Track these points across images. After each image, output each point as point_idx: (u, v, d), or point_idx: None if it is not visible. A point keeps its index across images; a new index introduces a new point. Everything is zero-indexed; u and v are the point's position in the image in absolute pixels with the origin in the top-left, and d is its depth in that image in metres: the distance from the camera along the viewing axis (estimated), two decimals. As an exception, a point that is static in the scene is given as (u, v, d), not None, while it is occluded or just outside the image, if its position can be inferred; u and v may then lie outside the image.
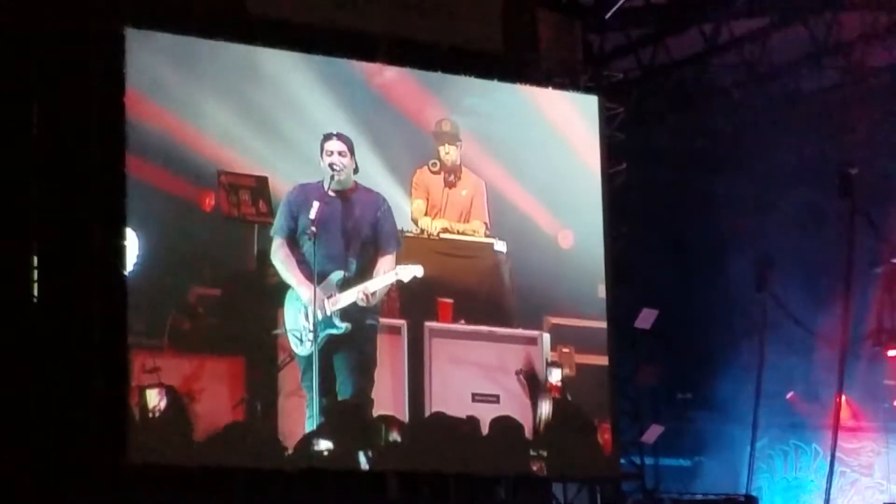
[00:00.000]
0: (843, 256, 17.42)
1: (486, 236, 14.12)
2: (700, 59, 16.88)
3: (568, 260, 14.51)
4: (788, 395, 18.75)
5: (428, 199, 13.99)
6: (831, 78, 17.44)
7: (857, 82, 17.32)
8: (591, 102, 14.81)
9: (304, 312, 12.80)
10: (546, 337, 14.32)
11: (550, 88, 14.67)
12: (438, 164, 14.02)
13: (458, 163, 14.09)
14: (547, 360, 14.33)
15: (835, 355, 17.71)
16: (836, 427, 18.07)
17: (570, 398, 14.47)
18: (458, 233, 14.03)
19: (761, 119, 16.95)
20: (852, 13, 15.92)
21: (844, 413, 18.39)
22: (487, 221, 14.17)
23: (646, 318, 15.36)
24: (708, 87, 17.41)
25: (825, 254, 17.65)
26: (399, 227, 13.53)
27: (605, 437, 14.62)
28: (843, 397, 18.26)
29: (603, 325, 14.66)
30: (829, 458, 17.99)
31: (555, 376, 14.37)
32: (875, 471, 18.84)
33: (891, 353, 17.75)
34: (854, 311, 17.70)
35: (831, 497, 17.71)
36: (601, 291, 14.66)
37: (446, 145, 14.04)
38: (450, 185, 14.08)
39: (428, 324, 13.73)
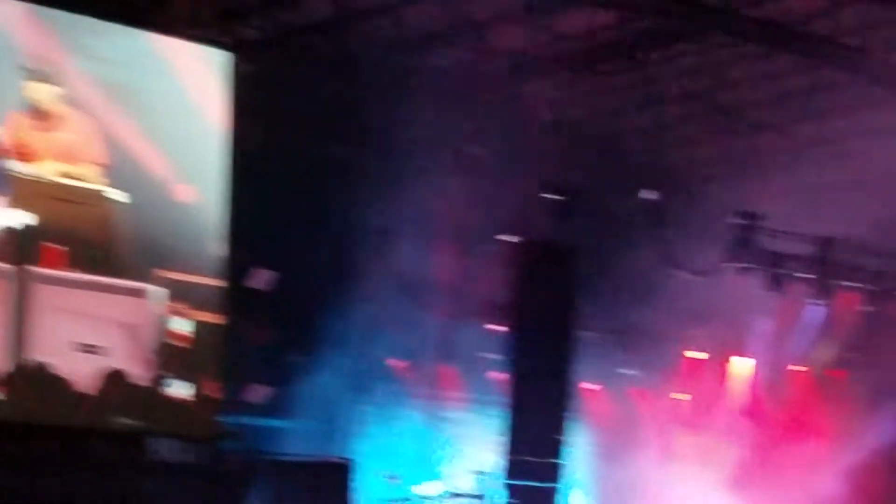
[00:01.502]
0: (461, 227, 18.24)
1: (102, 184, 14.06)
2: (335, 25, 17.18)
3: (187, 216, 14.69)
4: (390, 362, 19.29)
5: (21, 141, 13.78)
6: (460, 56, 18.28)
7: (485, 62, 18.22)
8: (221, 58, 14.92)
9: None
10: (158, 291, 14.48)
11: (180, 39, 14.64)
12: (34, 105, 13.82)
13: (58, 105, 13.92)
14: (158, 313, 14.48)
15: (440, 325, 18.53)
16: (436, 395, 19.09)
17: (177, 354, 14.68)
18: (72, 177, 13.95)
19: (390, 91, 17.29)
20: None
21: (445, 382, 19.34)
22: (101, 168, 14.09)
23: (261, 279, 15.84)
24: (341, 54, 17.68)
25: (437, 241, 18.23)
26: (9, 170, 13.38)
27: (211, 395, 14.97)
28: (445, 367, 19.20)
29: (218, 283, 14.91)
30: (428, 423, 18.88)
31: (165, 330, 14.56)
32: (472, 432, 19.50)
33: (491, 326, 18.47)
34: (464, 283, 18.58)
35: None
36: (219, 249, 14.90)
37: (45, 85, 13.84)
38: (46, 128, 13.92)
39: (34, 270, 13.60)
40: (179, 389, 14.73)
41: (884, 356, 21.27)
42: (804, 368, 21.91)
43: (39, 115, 13.88)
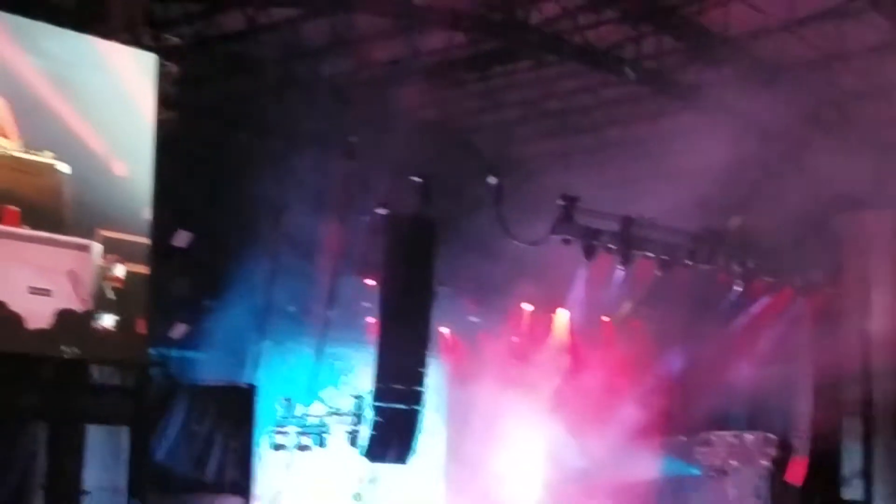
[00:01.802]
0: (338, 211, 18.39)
1: (52, 159, 13.70)
2: (245, 35, 17.11)
3: (121, 185, 14.38)
4: (291, 308, 19.24)
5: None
6: (344, 64, 18.40)
7: (364, 69, 18.40)
8: (150, 59, 14.68)
9: None
10: (97, 246, 14.17)
11: (116, 43, 14.38)
12: None
13: None
14: (97, 264, 14.16)
15: (326, 279, 18.69)
16: (323, 335, 19.07)
17: (113, 298, 14.33)
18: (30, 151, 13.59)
19: (287, 90, 17.36)
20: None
21: (330, 323, 19.20)
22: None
23: (181, 238, 15.63)
24: (249, 59, 17.67)
25: (325, 212, 18.38)
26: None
27: (140, 331, 14.62)
28: (331, 312, 19.20)
29: (146, 240, 14.64)
30: (315, 357, 18.98)
31: (101, 279, 14.19)
32: (351, 365, 19.78)
33: (367, 281, 18.66)
34: (345, 246, 18.67)
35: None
36: (147, 213, 14.60)
37: None
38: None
39: None
40: (114, 325, 14.33)
41: (669, 310, 21.80)
42: (609, 318, 22.35)
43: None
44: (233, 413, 17.88)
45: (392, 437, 17.91)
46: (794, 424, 22.67)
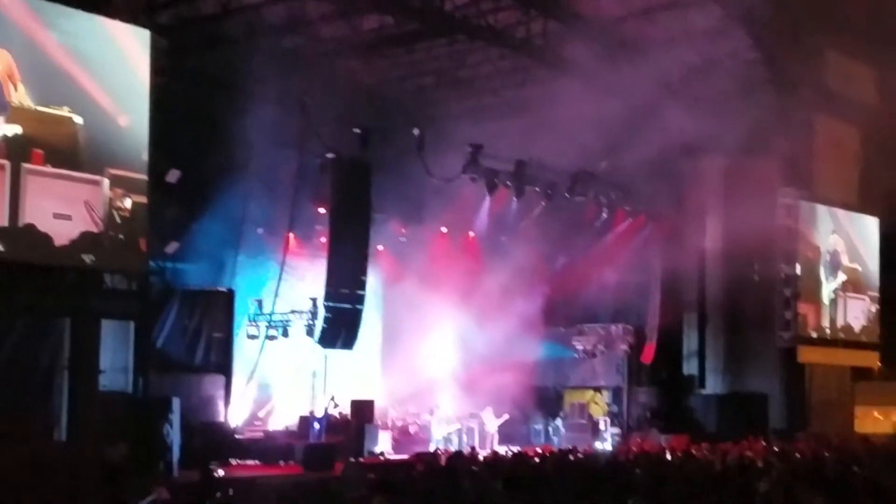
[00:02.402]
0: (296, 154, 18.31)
1: (69, 112, 13.69)
2: (220, 16, 16.93)
3: (124, 133, 14.36)
4: (259, 231, 19.34)
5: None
6: (299, 40, 18.33)
7: (313, 45, 18.40)
8: (145, 35, 14.57)
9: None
10: (106, 181, 14.16)
11: (118, 21, 14.30)
12: None
13: None
14: (107, 195, 14.13)
15: (287, 206, 18.54)
16: (285, 251, 19.19)
17: (120, 222, 14.26)
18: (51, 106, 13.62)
19: (253, 59, 17.10)
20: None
21: (291, 242, 19.42)
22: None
23: (173, 175, 15.60)
24: (223, 35, 17.58)
25: (286, 155, 18.36)
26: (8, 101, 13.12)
27: (141, 248, 14.64)
28: (291, 234, 19.35)
29: (145, 177, 14.55)
30: (279, 267, 18.99)
31: (110, 207, 14.14)
32: (307, 274, 19.82)
33: (320, 209, 18.66)
34: (302, 182, 18.43)
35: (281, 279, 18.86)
36: (145, 156, 14.58)
37: None
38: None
39: (25, 165, 13.31)
40: (122, 243, 14.32)
41: (552, 231, 22.34)
42: (506, 237, 22.55)
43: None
44: (216, 311, 18.21)
45: (340, 329, 17.85)
46: (646, 318, 23.45)
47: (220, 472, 14.30)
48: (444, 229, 22.39)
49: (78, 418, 14.44)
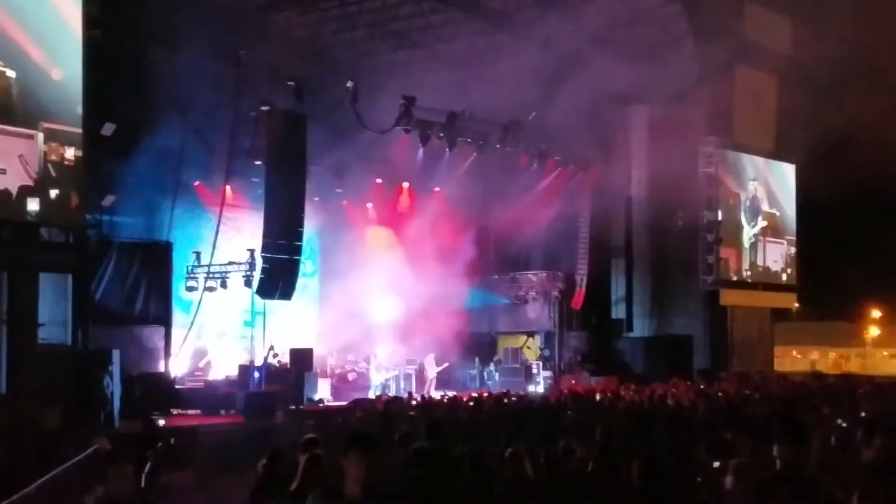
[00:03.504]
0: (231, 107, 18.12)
1: (1, 67, 13.67)
2: None
3: (58, 87, 14.40)
4: (196, 183, 19.38)
5: None
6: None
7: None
8: None
9: None
10: (41, 135, 14.20)
11: None
12: None
13: None
14: (41, 149, 14.13)
15: (224, 158, 18.66)
16: (222, 203, 19.27)
17: (55, 175, 14.26)
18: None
19: (191, 15, 16.87)
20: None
21: (228, 195, 19.61)
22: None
23: (108, 129, 15.61)
24: None
25: (221, 108, 18.23)
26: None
27: (75, 202, 14.63)
28: (228, 186, 19.53)
29: (79, 130, 14.60)
30: (217, 219, 19.05)
31: (45, 161, 14.11)
32: (245, 225, 19.90)
33: (256, 161, 18.48)
34: (238, 134, 18.43)
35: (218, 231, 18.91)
36: (79, 109, 14.63)
37: None
38: None
39: None
40: (57, 196, 14.38)
41: (484, 182, 22.91)
42: (439, 188, 23.16)
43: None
44: (154, 263, 18.31)
45: (278, 280, 17.81)
46: (575, 265, 24.14)
47: (162, 423, 14.50)
48: (378, 180, 22.65)
49: (17, 371, 14.48)
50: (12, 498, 10.49)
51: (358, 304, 21.76)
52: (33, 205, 14.15)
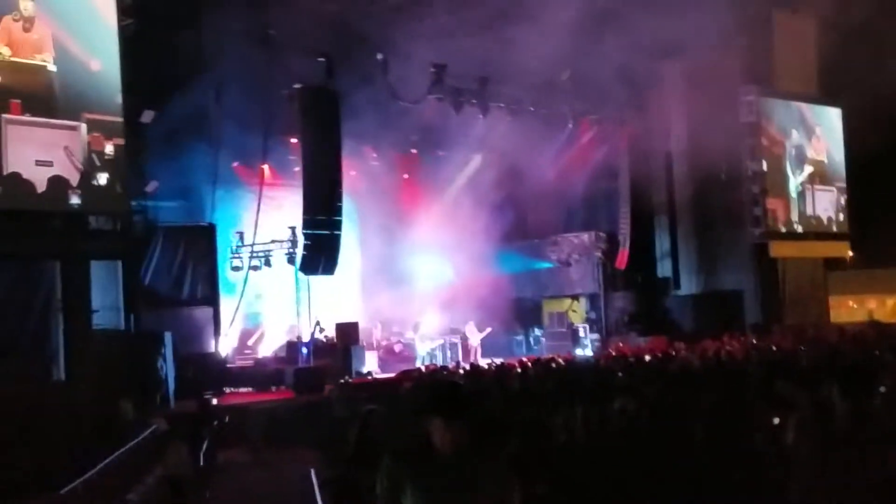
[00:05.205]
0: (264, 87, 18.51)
1: (52, 62, 14.37)
2: None
3: (97, 78, 14.95)
4: (234, 165, 20.07)
5: (10, 38, 14.15)
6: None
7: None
8: None
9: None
10: (83, 126, 14.77)
11: None
12: (19, 14, 14.15)
13: (33, 15, 14.27)
14: (85, 140, 14.71)
15: (261, 138, 19.03)
16: (261, 183, 19.87)
17: (99, 164, 14.86)
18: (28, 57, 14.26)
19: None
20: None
21: (267, 174, 20.28)
22: (53, 54, 14.49)
23: (147, 116, 16.30)
24: None
25: (255, 88, 18.32)
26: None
27: (120, 189, 15.11)
28: (266, 166, 20.05)
29: (120, 119, 15.17)
30: (257, 199, 19.56)
31: (89, 151, 14.62)
32: (284, 203, 20.51)
33: (292, 139, 19.00)
34: (272, 112, 18.70)
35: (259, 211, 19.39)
36: (119, 99, 15.15)
37: (26, 2, 14.23)
38: (26, 30, 14.28)
39: (4, 115, 13.94)
40: (103, 185, 14.93)
41: (520, 146, 22.46)
42: (477, 154, 23.59)
43: (25, 20, 14.15)
44: (199, 245, 18.93)
45: (320, 256, 18.36)
46: (618, 224, 24.33)
47: (215, 401, 15.18)
48: (413, 150, 23.12)
49: (75, 357, 15.12)
50: (75, 482, 11.51)
51: (400, 274, 22.36)
52: (80, 194, 14.76)
